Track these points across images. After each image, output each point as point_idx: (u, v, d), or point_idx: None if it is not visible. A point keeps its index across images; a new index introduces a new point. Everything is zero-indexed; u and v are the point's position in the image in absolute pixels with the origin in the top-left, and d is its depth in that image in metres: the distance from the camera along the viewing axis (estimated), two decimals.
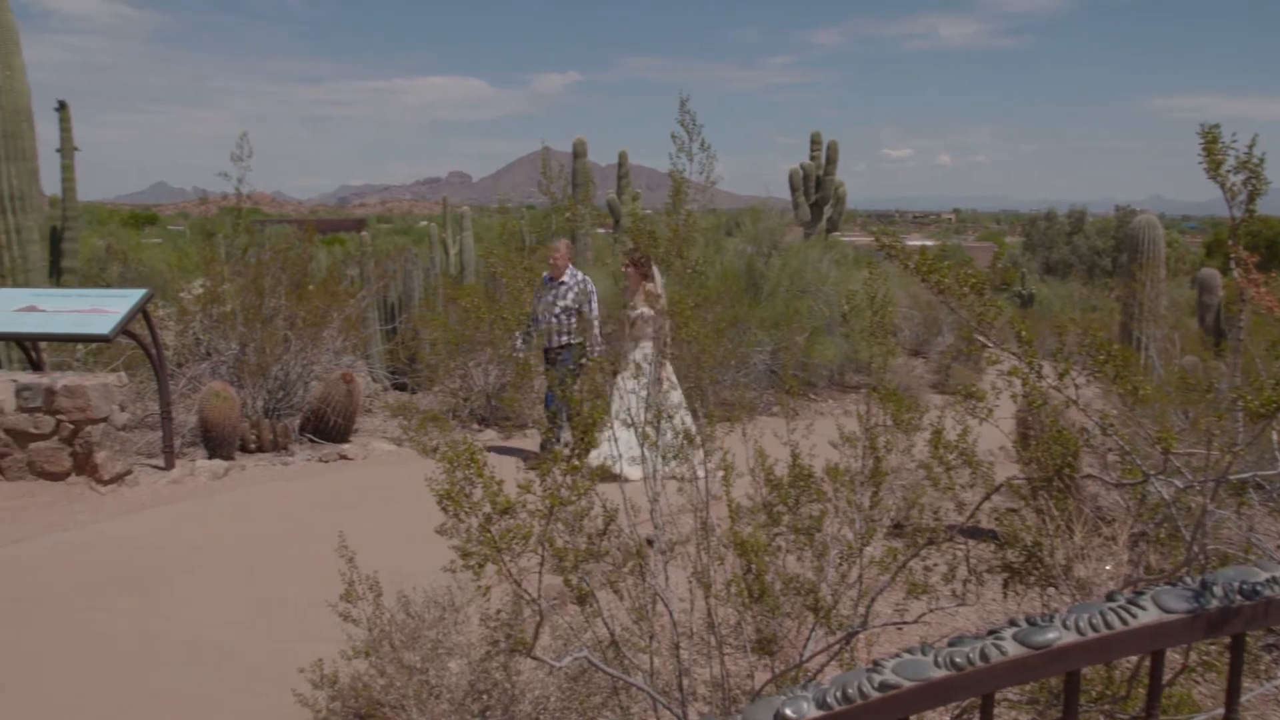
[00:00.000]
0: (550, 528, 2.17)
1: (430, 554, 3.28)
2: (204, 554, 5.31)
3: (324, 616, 3.37)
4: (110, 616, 4.44)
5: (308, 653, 3.22)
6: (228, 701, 3.60)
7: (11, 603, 4.58)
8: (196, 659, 3.97)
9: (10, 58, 9.45)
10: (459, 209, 16.63)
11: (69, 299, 7.07)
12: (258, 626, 4.29)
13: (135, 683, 3.76)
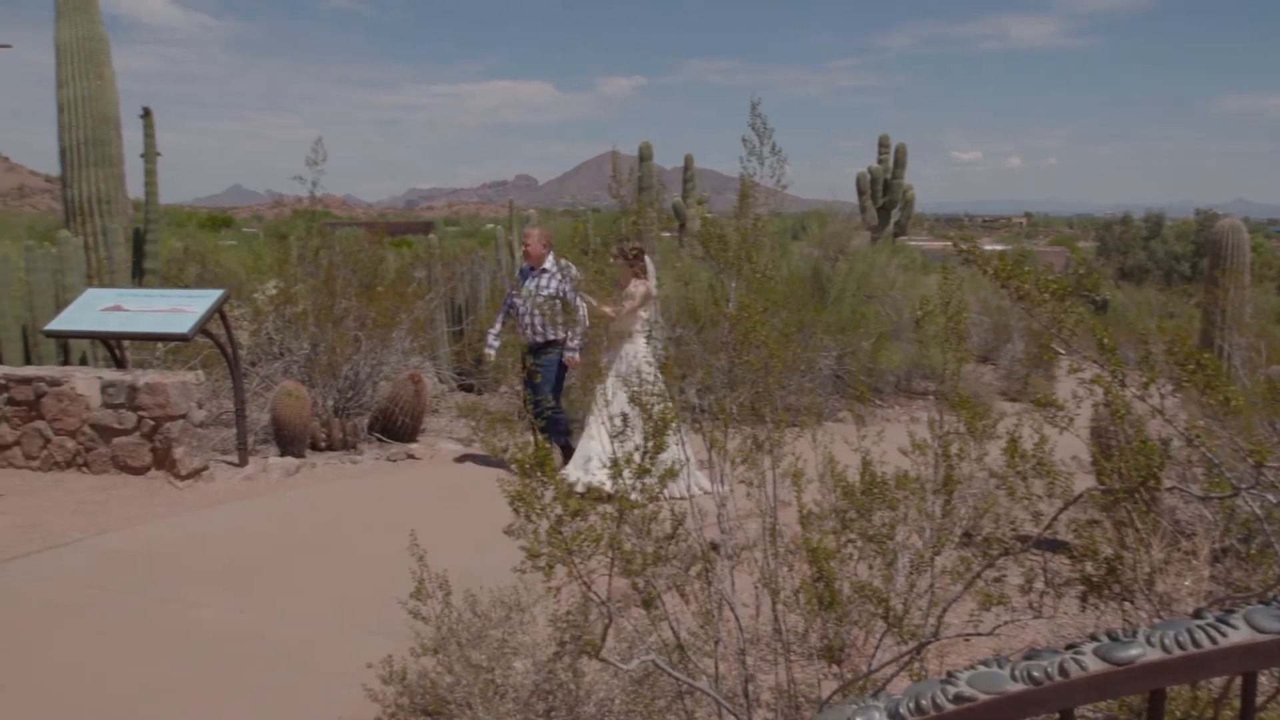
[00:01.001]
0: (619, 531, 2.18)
1: (496, 554, 3.32)
2: (276, 549, 5.42)
3: (392, 613, 3.42)
4: (186, 608, 4.56)
5: (376, 648, 3.28)
6: (297, 694, 3.67)
7: (97, 592, 4.74)
8: (268, 651, 4.06)
9: (101, 68, 9.79)
10: (525, 212, 16.79)
11: (151, 299, 7.28)
12: (328, 621, 4.37)
13: (208, 673, 3.85)
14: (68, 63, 9.76)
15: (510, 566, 3.07)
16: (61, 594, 4.71)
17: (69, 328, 7.15)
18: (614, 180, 3.73)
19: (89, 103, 9.80)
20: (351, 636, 4.11)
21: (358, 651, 3.70)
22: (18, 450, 7.04)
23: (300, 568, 5.13)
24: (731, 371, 3.05)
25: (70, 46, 9.74)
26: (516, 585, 3.25)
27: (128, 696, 3.66)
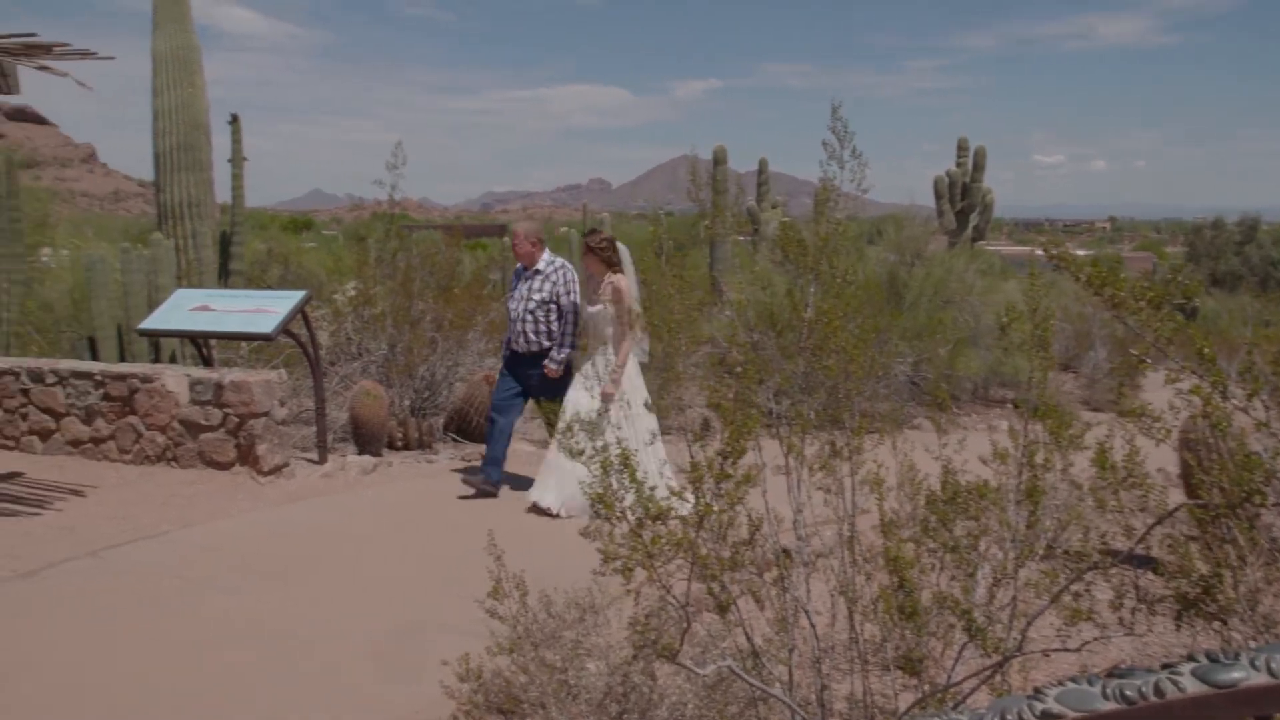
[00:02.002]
0: (697, 536, 2.17)
1: (570, 554, 3.34)
2: (355, 545, 5.53)
3: (468, 611, 3.47)
4: (268, 600, 4.68)
5: (451, 645, 3.32)
6: (375, 687, 3.74)
7: (183, 583, 4.89)
8: (345, 645, 4.14)
9: (193, 76, 10.12)
10: (598, 215, 16.89)
11: (237, 299, 7.50)
12: (404, 617, 4.44)
13: (285, 665, 3.95)
14: (163, 72, 10.11)
15: (582, 567, 3.10)
16: (149, 584, 4.87)
17: (160, 326, 7.39)
18: (693, 184, 3.72)
19: (182, 110, 10.14)
20: (427, 633, 4.17)
21: (433, 648, 3.76)
22: (112, 444, 7.31)
23: (377, 564, 5.23)
24: (809, 376, 3.02)
25: (166, 56, 10.09)
26: (591, 587, 3.27)
27: (207, 686, 3.76)
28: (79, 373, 7.45)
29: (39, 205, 17.27)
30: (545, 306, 6.51)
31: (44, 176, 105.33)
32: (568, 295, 6.55)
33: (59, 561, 5.18)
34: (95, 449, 7.38)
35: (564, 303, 6.54)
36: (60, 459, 7.40)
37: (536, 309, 6.51)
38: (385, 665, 3.94)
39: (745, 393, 2.39)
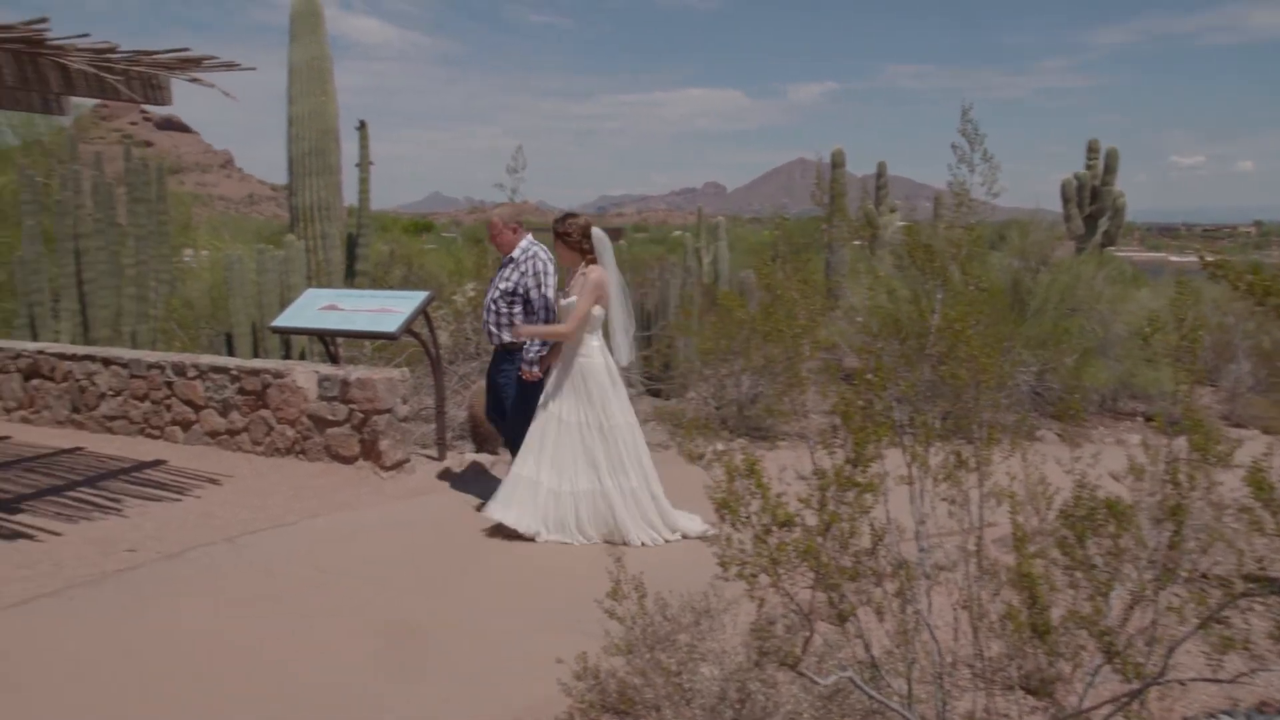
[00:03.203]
0: (822, 544, 2.14)
1: (684, 556, 3.34)
2: (470, 541, 5.65)
3: (583, 611, 3.50)
4: (393, 591, 4.82)
5: (566, 644, 3.36)
6: (489, 683, 3.81)
7: (312, 571, 5.08)
8: (462, 640, 4.23)
9: (325, 84, 10.55)
10: (714, 219, 16.85)
11: (363, 299, 7.76)
12: (519, 614, 4.52)
13: (405, 656, 4.06)
14: (298, 81, 10.57)
15: (696, 569, 3.10)
16: (281, 571, 5.08)
17: (291, 324, 7.71)
18: (817, 187, 3.68)
19: (314, 117, 10.58)
20: (541, 631, 4.23)
21: (548, 646, 3.81)
22: (246, 436, 7.66)
23: (493, 560, 5.33)
24: (935, 385, 2.95)
25: (301, 66, 10.54)
26: (707, 591, 3.26)
27: (333, 673, 3.90)
28: (217, 367, 7.83)
29: (183, 209, 18.24)
30: (509, 297, 6.09)
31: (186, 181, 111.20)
32: (537, 288, 6.05)
33: (198, 545, 5.45)
34: (230, 440, 7.74)
35: (533, 296, 6.05)
36: (199, 449, 7.79)
37: (500, 299, 6.13)
38: (499, 661, 4.01)
39: (875, 401, 2.34)
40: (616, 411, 5.66)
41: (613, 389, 5.72)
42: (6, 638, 4.23)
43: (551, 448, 5.65)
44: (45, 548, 5.43)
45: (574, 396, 5.66)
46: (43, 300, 11.85)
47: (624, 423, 5.67)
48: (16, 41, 5.09)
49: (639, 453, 5.70)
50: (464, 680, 3.84)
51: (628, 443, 5.65)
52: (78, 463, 7.40)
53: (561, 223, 5.90)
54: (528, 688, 3.66)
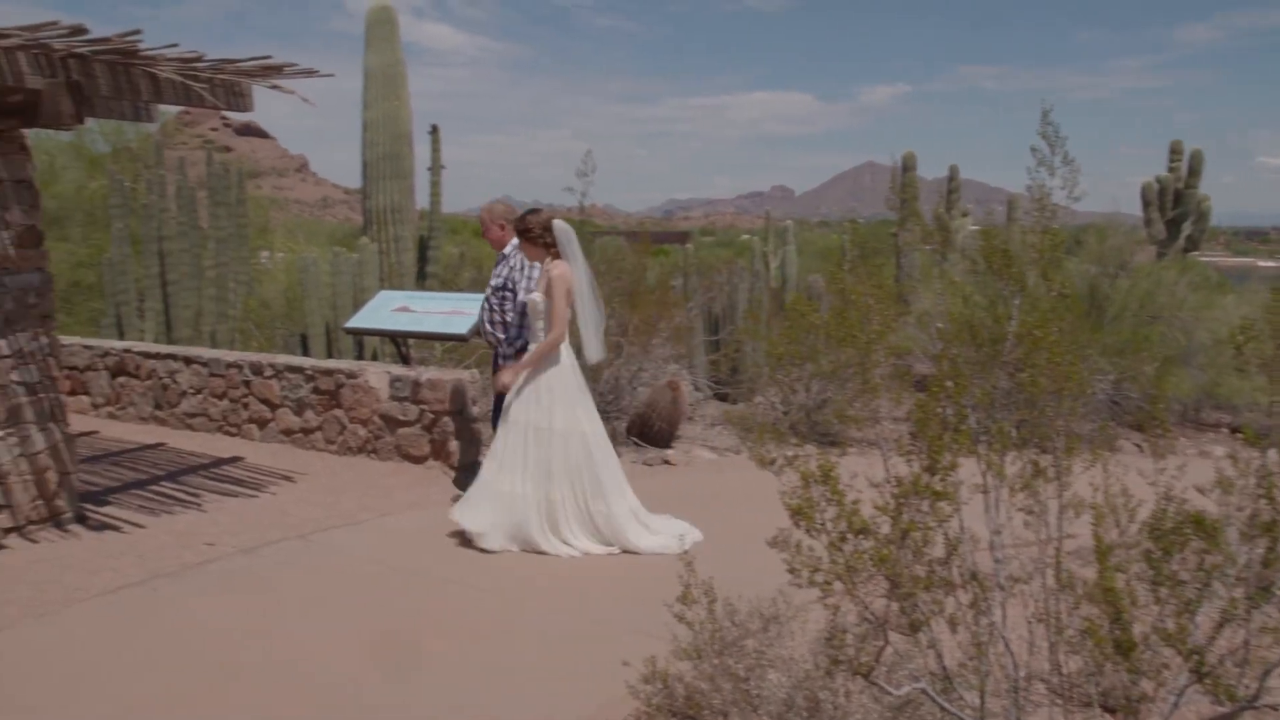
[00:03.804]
0: (899, 551, 2.11)
1: (753, 562, 3.32)
2: None
3: (652, 613, 3.50)
4: (468, 590, 4.88)
5: (634, 647, 3.37)
6: (558, 682, 3.83)
7: (384, 568, 5.17)
8: (531, 638, 4.26)
9: (399, 90, 10.75)
10: (782, 223, 16.77)
11: (434, 301, 7.87)
12: (589, 616, 4.54)
13: (478, 654, 4.10)
14: (373, 87, 10.79)
15: (762, 575, 3.07)
16: (352, 568, 5.17)
17: (364, 325, 7.85)
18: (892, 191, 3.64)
19: (388, 122, 10.78)
20: (611, 632, 4.24)
21: (616, 648, 3.82)
22: (319, 434, 7.82)
23: (561, 562, 5.35)
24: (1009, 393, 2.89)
25: (376, 72, 10.76)
26: (776, 597, 3.24)
27: (400, 670, 3.96)
28: (292, 367, 8.01)
29: (261, 212, 18.72)
30: (500, 293, 6.04)
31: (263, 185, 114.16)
32: (528, 283, 5.90)
33: (273, 541, 5.58)
34: (304, 438, 7.91)
35: (519, 290, 5.91)
36: (274, 446, 7.98)
37: (492, 295, 6.11)
38: (568, 661, 4.04)
39: (951, 408, 2.30)
40: (560, 417, 5.47)
41: (566, 393, 5.54)
42: (96, 625, 4.38)
43: (501, 448, 5.55)
44: (130, 539, 5.61)
45: (528, 396, 5.52)
46: (129, 300, 12.25)
47: (565, 429, 5.46)
48: (112, 53, 5.28)
49: (580, 462, 5.48)
50: (529, 680, 3.86)
51: (563, 450, 5.45)
52: (160, 458, 7.64)
53: (522, 220, 5.76)
54: (594, 690, 3.67)
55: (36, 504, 5.68)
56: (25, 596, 4.70)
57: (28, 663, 4.02)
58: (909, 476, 2.21)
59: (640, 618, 4.14)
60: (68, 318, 12.78)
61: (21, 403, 5.61)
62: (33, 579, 4.94)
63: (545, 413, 5.47)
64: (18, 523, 5.58)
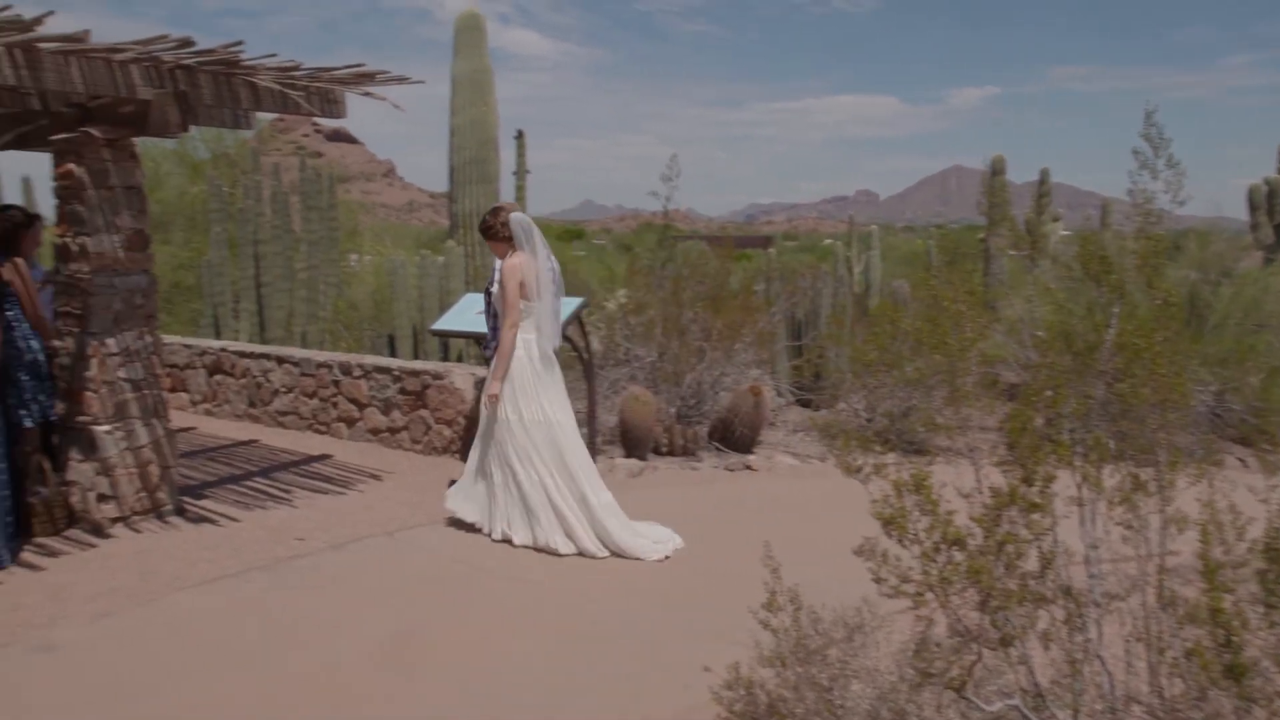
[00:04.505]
0: (995, 564, 2.06)
1: (837, 570, 3.28)
2: None
3: (733, 619, 3.49)
4: (537, 589, 4.93)
5: (714, 652, 3.36)
6: (641, 685, 3.83)
7: (465, 567, 5.25)
8: (615, 642, 4.28)
9: (486, 95, 10.92)
10: (866, 227, 16.55)
11: None
12: (671, 619, 4.53)
13: (561, 655, 4.13)
14: (461, 93, 10.98)
15: (846, 584, 3.04)
16: (437, 566, 5.26)
17: (450, 328, 7.97)
18: (984, 197, 3.56)
19: (475, 127, 10.95)
20: (692, 638, 4.23)
21: (698, 653, 3.81)
22: (405, 434, 7.98)
23: (642, 566, 5.36)
24: (1108, 404, 2.80)
25: (463, 78, 10.94)
26: (860, 606, 3.19)
27: (488, 667, 4.01)
28: (380, 368, 8.19)
29: (350, 216, 19.20)
30: (489, 295, 6.11)
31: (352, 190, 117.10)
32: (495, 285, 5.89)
33: (361, 538, 5.71)
34: (391, 438, 8.08)
35: (494, 291, 5.86)
36: (361, 445, 8.16)
37: (485, 295, 6.19)
38: (650, 664, 4.04)
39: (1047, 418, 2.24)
40: (524, 407, 5.51)
41: (524, 383, 5.55)
42: (196, 613, 4.54)
43: (476, 438, 5.79)
44: (225, 532, 5.80)
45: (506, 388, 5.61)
46: (225, 301, 12.68)
47: (529, 419, 5.49)
48: (216, 64, 5.48)
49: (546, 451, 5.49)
50: (617, 679, 3.88)
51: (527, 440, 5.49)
52: (253, 454, 7.88)
53: (483, 220, 5.85)
54: (675, 694, 3.67)
55: (140, 496, 5.91)
56: (131, 584, 4.90)
57: (134, 648, 4.18)
58: (1005, 487, 2.15)
59: (718, 622, 4.13)
60: (169, 318, 13.28)
61: (128, 399, 5.84)
62: (137, 567, 5.14)
63: (508, 403, 5.55)
64: (123, 513, 5.82)
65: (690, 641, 4.15)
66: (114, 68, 5.21)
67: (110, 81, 5.21)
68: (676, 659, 3.98)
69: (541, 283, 5.63)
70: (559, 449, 5.53)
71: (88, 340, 5.69)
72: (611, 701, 3.72)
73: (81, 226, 5.68)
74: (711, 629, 4.18)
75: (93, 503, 5.74)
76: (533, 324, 5.63)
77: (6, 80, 4.79)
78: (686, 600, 4.84)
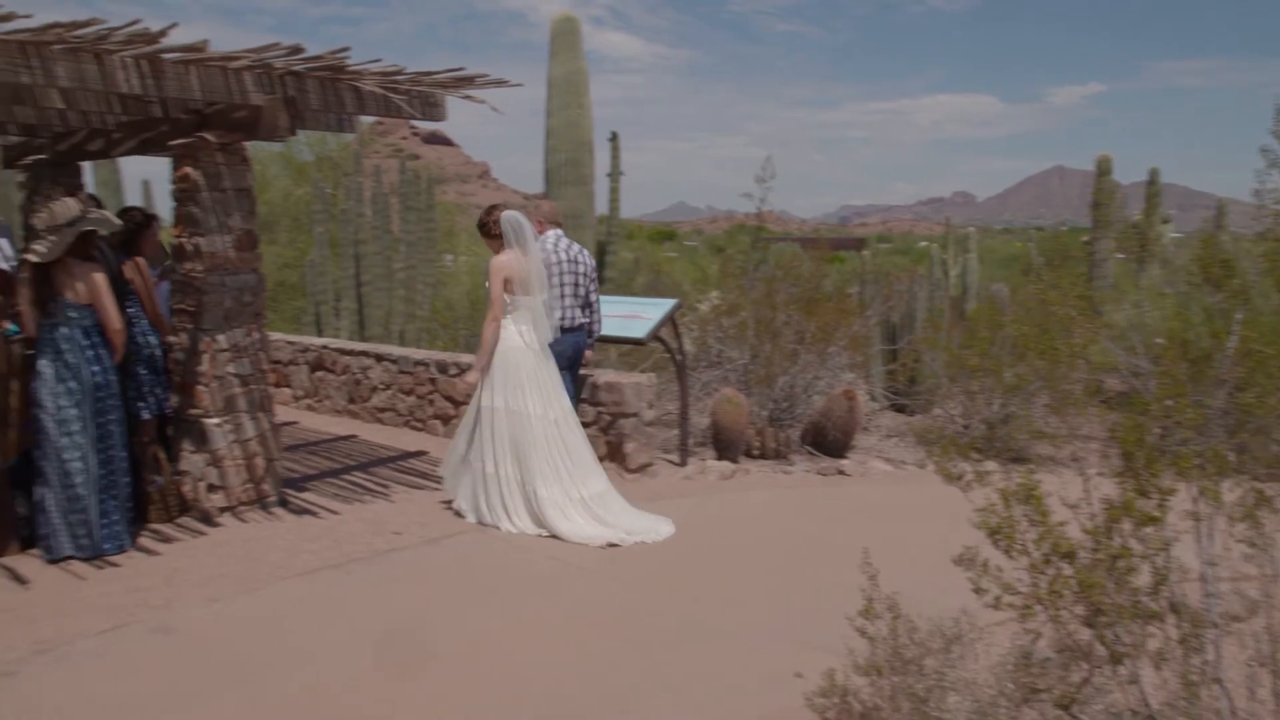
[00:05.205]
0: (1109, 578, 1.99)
1: (932, 579, 3.21)
2: (713, 548, 5.69)
3: (826, 625, 3.45)
4: (630, 588, 4.93)
5: (805, 658, 3.32)
6: (729, 690, 3.81)
7: (557, 564, 5.29)
8: (704, 644, 4.26)
9: (581, 97, 11.01)
10: (963, 230, 16.19)
11: (612, 304, 8.00)
12: (760, 624, 4.50)
13: (649, 659, 4.13)
14: (556, 95, 11.09)
15: (942, 594, 2.96)
16: (528, 563, 5.32)
17: None
18: (1099, 199, 3.44)
19: (570, 129, 11.05)
20: (782, 642, 4.19)
21: (788, 658, 3.77)
22: None
23: (735, 569, 5.33)
24: (1227, 414, 2.68)
25: (559, 81, 11.05)
26: (958, 617, 3.12)
27: (576, 667, 4.03)
28: None
29: (447, 217, 19.60)
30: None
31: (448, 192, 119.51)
32: None
33: (455, 534, 5.81)
34: None
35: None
36: None
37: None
38: (740, 669, 4.01)
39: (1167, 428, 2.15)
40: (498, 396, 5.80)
41: (504, 375, 5.82)
42: (298, 602, 4.69)
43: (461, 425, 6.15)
44: (326, 524, 5.97)
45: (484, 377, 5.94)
46: (327, 300, 13.06)
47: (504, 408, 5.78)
48: (323, 69, 5.65)
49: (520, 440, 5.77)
50: (700, 684, 3.86)
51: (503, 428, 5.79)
52: (353, 449, 8.09)
53: (479, 219, 6.17)
54: (765, 699, 3.64)
55: (246, 487, 6.13)
56: (237, 572, 5.08)
57: (241, 633, 4.34)
58: (1118, 499, 2.08)
59: (809, 627, 4.09)
60: (273, 315, 13.76)
61: (236, 393, 6.06)
62: (244, 555, 5.34)
63: (485, 392, 5.90)
64: (230, 503, 6.04)
65: (785, 647, 4.11)
66: (229, 75, 5.41)
67: (225, 88, 5.42)
68: (767, 665, 3.94)
69: (532, 279, 5.89)
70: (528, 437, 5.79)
71: (200, 336, 5.93)
72: (699, 701, 3.71)
73: (196, 227, 5.92)
74: (802, 635, 4.13)
75: (203, 492, 5.98)
76: (526, 318, 5.89)
77: (134, 89, 5.02)
78: (780, 604, 4.79)
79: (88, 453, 5.28)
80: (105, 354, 5.39)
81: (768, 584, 5.10)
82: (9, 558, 5.30)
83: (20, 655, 4.06)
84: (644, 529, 5.75)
